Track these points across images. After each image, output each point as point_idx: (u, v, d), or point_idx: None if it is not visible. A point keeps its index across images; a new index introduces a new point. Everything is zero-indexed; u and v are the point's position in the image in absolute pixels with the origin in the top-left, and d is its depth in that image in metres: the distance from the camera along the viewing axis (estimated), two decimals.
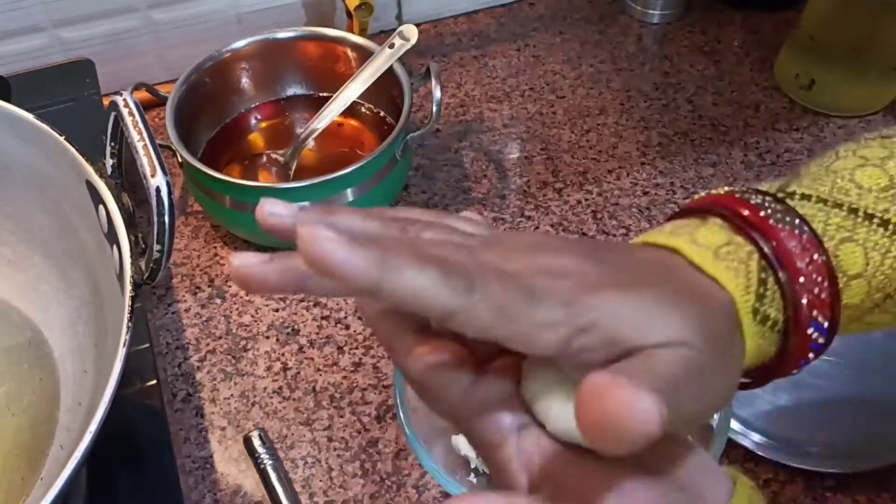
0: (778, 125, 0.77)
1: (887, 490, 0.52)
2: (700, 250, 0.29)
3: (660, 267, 0.29)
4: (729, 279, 0.28)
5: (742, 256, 0.29)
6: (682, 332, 0.26)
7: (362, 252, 0.22)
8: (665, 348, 0.25)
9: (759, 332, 0.29)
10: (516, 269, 0.26)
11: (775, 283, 0.29)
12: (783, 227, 0.29)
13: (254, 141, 0.74)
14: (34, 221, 0.55)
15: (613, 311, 0.25)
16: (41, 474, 0.49)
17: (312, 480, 0.54)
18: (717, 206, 0.31)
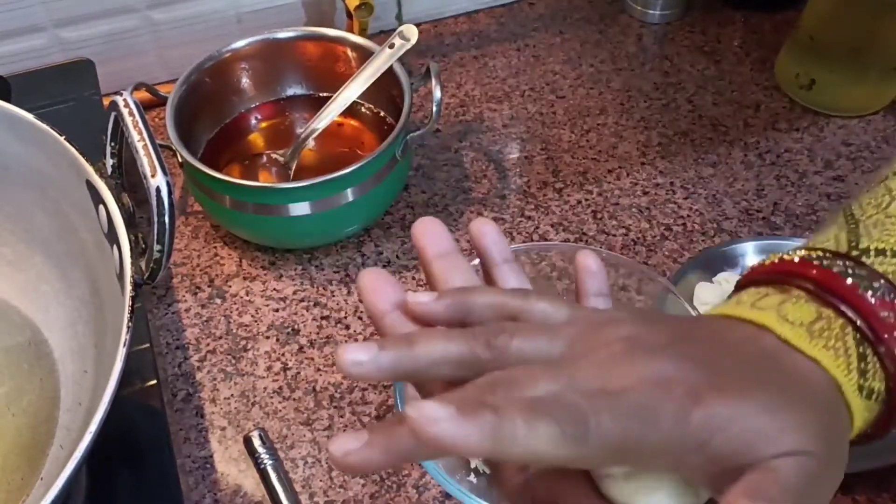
0: (778, 125, 0.77)
1: (887, 490, 0.52)
2: (794, 329, 0.28)
3: (754, 349, 0.28)
4: (830, 361, 0.28)
5: (837, 332, 0.28)
6: (799, 439, 0.25)
7: (474, 424, 0.23)
8: (783, 459, 0.25)
9: (866, 406, 0.28)
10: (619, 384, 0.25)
11: (874, 355, 0.28)
12: (872, 296, 0.28)
13: (254, 141, 0.73)
14: (34, 221, 0.55)
15: (726, 426, 0.25)
16: (41, 474, 0.49)
17: (312, 480, 0.54)
18: (795, 275, 0.30)
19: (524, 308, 0.29)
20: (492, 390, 0.25)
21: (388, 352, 0.28)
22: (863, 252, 0.30)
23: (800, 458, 0.25)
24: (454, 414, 0.23)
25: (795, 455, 0.25)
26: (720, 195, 0.71)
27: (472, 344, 0.28)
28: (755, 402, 0.26)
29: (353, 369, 0.27)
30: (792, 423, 0.25)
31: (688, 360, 0.26)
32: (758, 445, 0.25)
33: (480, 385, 0.26)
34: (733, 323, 0.29)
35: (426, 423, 0.22)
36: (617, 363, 0.26)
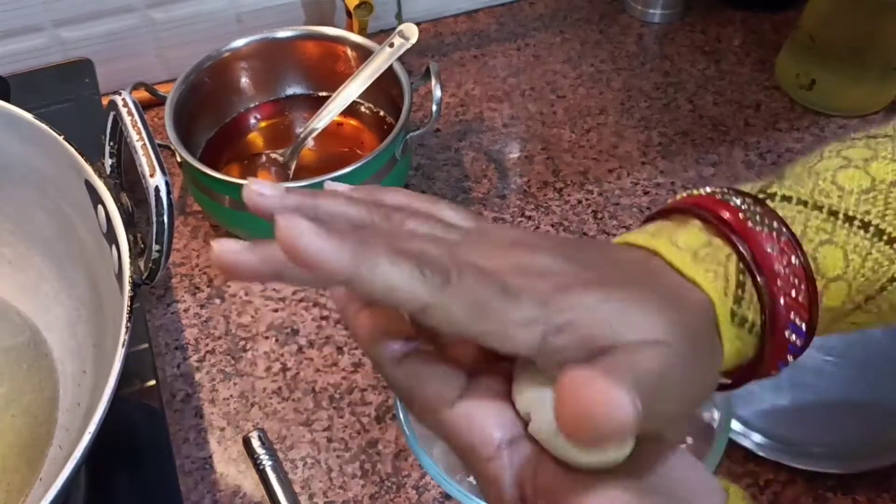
0: (778, 125, 0.77)
1: (887, 490, 0.52)
2: (679, 252, 0.29)
3: (639, 268, 0.29)
4: (708, 282, 0.28)
5: (721, 259, 0.29)
6: (660, 331, 0.26)
7: (337, 244, 0.23)
8: (642, 346, 0.25)
9: (737, 335, 0.29)
10: (494, 266, 0.26)
11: (753, 285, 0.29)
12: (762, 230, 0.29)
13: (253, 140, 0.73)
14: (34, 221, 0.55)
15: (590, 310, 0.25)
16: (40, 474, 0.49)
17: (312, 481, 0.54)
18: (697, 207, 0.31)
19: (431, 210, 0.30)
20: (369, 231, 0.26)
21: (293, 195, 0.28)
22: (769, 196, 0.31)
23: (657, 347, 0.25)
24: (322, 232, 0.22)
25: (653, 344, 0.25)
26: None
27: (373, 212, 0.28)
28: (622, 293, 0.26)
29: (256, 198, 0.27)
30: (657, 318, 0.26)
31: (569, 259, 0.27)
32: (620, 328, 0.25)
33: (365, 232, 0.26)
34: (626, 247, 0.30)
35: (294, 233, 0.22)
36: (499, 249, 0.27)
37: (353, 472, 0.55)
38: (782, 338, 0.29)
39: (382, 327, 0.29)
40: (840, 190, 0.31)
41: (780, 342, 0.29)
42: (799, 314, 0.29)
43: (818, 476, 0.52)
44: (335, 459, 0.55)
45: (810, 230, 0.30)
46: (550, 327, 0.25)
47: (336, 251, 0.23)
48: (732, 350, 0.29)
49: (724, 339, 0.29)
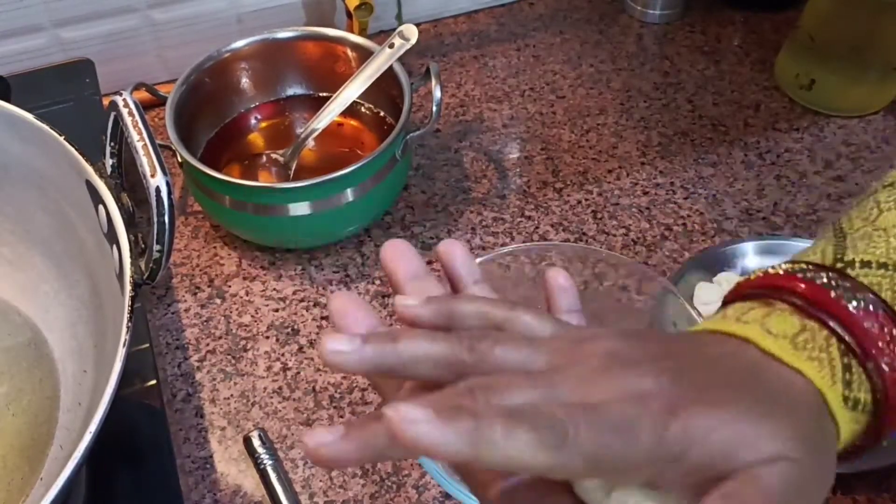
0: (778, 125, 0.77)
1: (887, 490, 0.52)
2: (777, 341, 0.28)
3: (738, 364, 0.28)
4: (814, 371, 0.27)
5: (821, 344, 0.28)
6: (779, 446, 0.25)
7: (452, 428, 0.22)
8: (763, 465, 0.25)
9: (852, 418, 0.28)
10: (599, 397, 0.25)
11: (859, 366, 0.28)
12: (857, 308, 0.28)
13: (254, 141, 0.73)
14: (34, 221, 0.55)
15: (704, 437, 0.25)
16: (41, 474, 0.49)
17: (312, 480, 0.54)
18: (779, 288, 0.30)
19: (509, 318, 0.29)
20: (471, 395, 0.25)
21: (371, 344, 0.28)
22: (848, 264, 0.30)
23: (781, 464, 0.25)
24: (432, 417, 0.22)
25: (776, 461, 0.25)
26: (720, 195, 0.71)
27: (455, 346, 0.28)
28: (733, 410, 0.25)
29: (334, 357, 0.27)
30: (772, 430, 0.25)
31: (666, 373, 0.26)
32: (736, 453, 0.25)
33: (459, 389, 0.26)
34: (716, 337, 0.29)
35: (404, 425, 0.22)
36: (595, 377, 0.26)
37: (353, 472, 0.55)
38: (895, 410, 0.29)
39: None
40: None
41: (894, 415, 0.29)
42: None
43: None
44: None
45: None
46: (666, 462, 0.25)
47: (452, 437, 0.22)
48: (848, 434, 0.28)
49: (840, 424, 0.28)
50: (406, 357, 0.28)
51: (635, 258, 0.66)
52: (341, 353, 0.27)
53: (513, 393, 0.25)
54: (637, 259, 0.66)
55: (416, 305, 0.30)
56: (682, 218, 0.69)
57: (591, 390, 0.26)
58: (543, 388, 0.26)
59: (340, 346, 0.27)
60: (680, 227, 0.68)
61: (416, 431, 0.22)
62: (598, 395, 0.25)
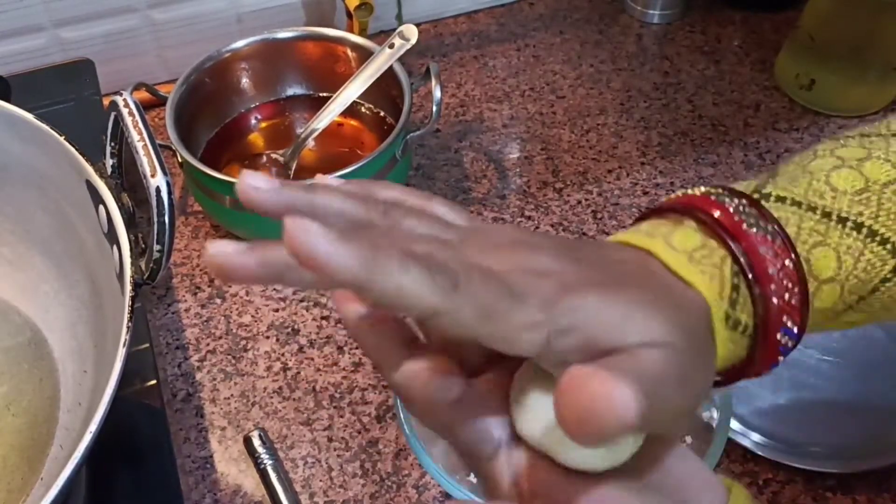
0: (778, 125, 0.77)
1: (887, 490, 0.52)
2: (675, 254, 0.29)
3: (637, 268, 0.29)
4: (703, 284, 0.28)
5: (716, 261, 0.29)
6: (662, 332, 0.26)
7: (350, 248, 0.22)
8: (645, 348, 0.25)
9: (731, 337, 0.29)
10: (498, 267, 0.26)
11: (747, 288, 0.29)
12: (756, 232, 0.29)
13: (254, 141, 0.73)
14: (34, 221, 0.55)
15: (593, 313, 0.25)
16: (41, 474, 0.49)
17: (312, 480, 0.54)
18: (692, 207, 0.31)
19: (424, 206, 0.30)
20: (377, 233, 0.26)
21: (288, 189, 0.27)
22: (763, 196, 0.32)
23: (660, 348, 0.25)
24: (333, 235, 0.22)
25: (656, 345, 0.25)
26: None
27: (370, 208, 0.28)
28: (625, 296, 0.26)
29: (251, 193, 0.27)
30: (659, 317, 0.26)
31: (567, 259, 0.27)
32: (623, 332, 0.25)
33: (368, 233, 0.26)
34: (626, 248, 0.30)
35: (304, 236, 0.22)
36: (499, 251, 0.27)
37: (353, 472, 0.55)
38: (774, 340, 0.29)
39: (387, 333, 0.29)
40: (834, 191, 0.31)
41: (772, 345, 0.29)
42: (791, 317, 0.29)
43: (818, 475, 0.53)
44: (335, 458, 0.55)
45: (804, 232, 0.31)
46: (554, 330, 0.25)
47: (348, 255, 0.22)
48: (725, 352, 0.29)
49: (718, 341, 0.29)
50: (319, 207, 0.27)
51: None
52: (259, 190, 0.27)
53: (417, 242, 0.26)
54: None
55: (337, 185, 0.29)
56: None
57: (492, 259, 0.26)
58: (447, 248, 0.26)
59: (259, 183, 0.27)
60: None
61: (314, 245, 0.22)
62: (498, 264, 0.26)
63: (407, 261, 0.23)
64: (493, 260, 0.26)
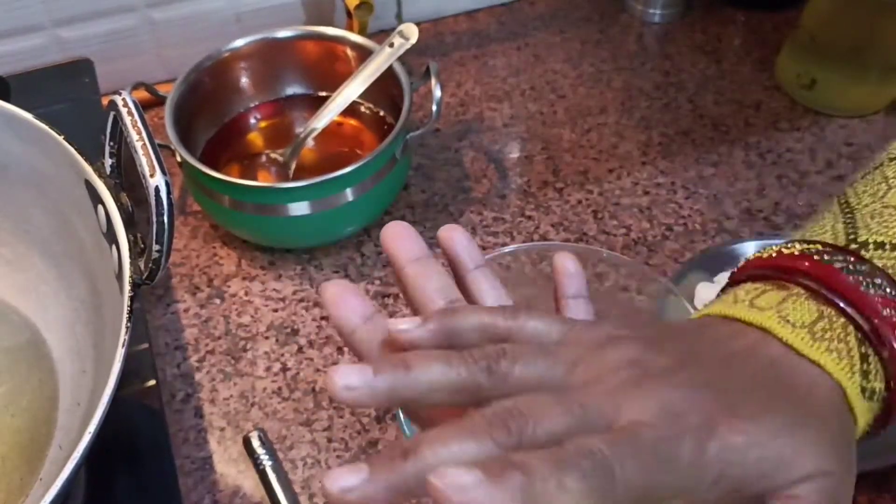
0: (779, 125, 0.77)
1: (888, 490, 0.52)
2: (796, 332, 0.28)
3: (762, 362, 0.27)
4: (833, 364, 0.27)
5: (839, 333, 0.28)
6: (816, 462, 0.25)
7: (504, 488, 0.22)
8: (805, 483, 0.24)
9: (868, 408, 0.28)
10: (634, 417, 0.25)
11: (875, 354, 0.28)
12: (875, 294, 0.28)
13: (253, 140, 0.73)
14: (33, 221, 0.55)
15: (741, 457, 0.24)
16: (40, 475, 0.49)
17: (312, 481, 0.54)
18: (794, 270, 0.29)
19: (514, 328, 0.28)
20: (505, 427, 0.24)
21: (384, 376, 0.26)
22: (861, 245, 0.30)
23: (820, 481, 0.25)
24: (483, 480, 0.21)
25: (815, 478, 0.25)
26: (721, 195, 0.71)
27: (472, 370, 0.27)
28: (769, 425, 0.25)
29: (345, 394, 0.26)
30: (808, 445, 0.25)
31: (698, 385, 0.26)
32: (776, 472, 0.24)
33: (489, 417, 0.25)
34: (735, 328, 0.29)
35: (455, 492, 0.21)
36: (627, 393, 0.26)
37: None
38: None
39: None
40: None
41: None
42: None
43: None
44: (335, 459, 0.55)
45: None
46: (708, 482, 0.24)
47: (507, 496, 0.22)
48: (864, 423, 0.28)
49: (859, 415, 0.28)
50: (421, 387, 0.26)
51: (636, 258, 0.66)
52: (352, 389, 0.26)
53: (546, 421, 0.25)
54: (638, 259, 0.66)
55: (412, 328, 0.28)
56: (683, 218, 0.69)
57: (625, 408, 0.25)
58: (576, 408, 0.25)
59: (351, 381, 0.26)
60: (681, 227, 0.68)
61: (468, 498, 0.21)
62: (632, 413, 0.25)
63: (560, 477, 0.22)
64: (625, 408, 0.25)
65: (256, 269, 0.67)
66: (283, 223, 0.64)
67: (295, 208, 0.62)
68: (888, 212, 0.30)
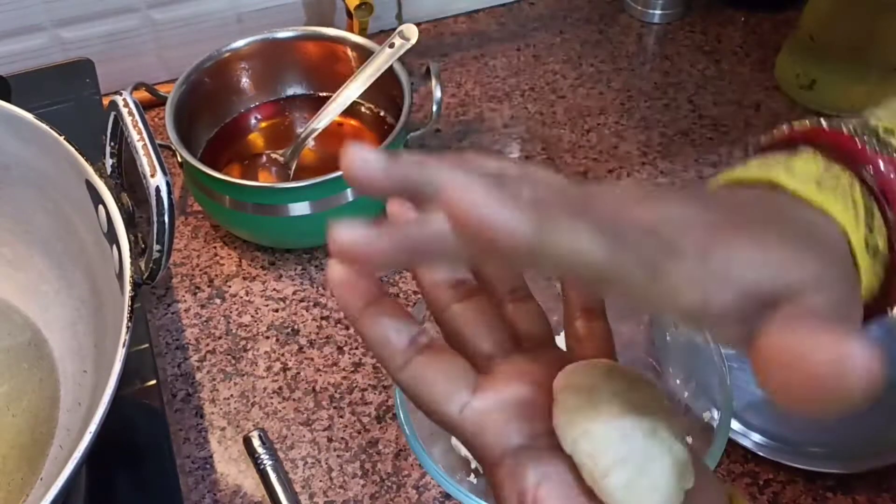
0: (779, 125, 0.77)
1: (887, 490, 0.52)
2: (802, 182, 0.27)
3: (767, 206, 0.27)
4: (839, 211, 0.27)
5: (844, 186, 0.27)
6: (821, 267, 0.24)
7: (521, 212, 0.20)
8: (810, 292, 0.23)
9: (871, 266, 0.27)
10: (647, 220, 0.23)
11: (880, 211, 0.27)
12: (881, 153, 0.28)
13: (254, 141, 0.73)
14: (34, 221, 0.55)
15: (747, 260, 0.23)
16: (41, 474, 0.49)
17: (312, 481, 0.54)
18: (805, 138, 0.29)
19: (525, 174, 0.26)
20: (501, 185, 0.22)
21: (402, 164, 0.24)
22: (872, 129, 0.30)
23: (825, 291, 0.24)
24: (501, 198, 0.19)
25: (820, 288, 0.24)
26: None
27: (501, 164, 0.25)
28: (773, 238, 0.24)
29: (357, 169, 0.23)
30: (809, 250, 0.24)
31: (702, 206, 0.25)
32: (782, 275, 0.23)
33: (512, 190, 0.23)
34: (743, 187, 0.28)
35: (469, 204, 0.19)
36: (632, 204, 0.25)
37: (353, 472, 0.55)
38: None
39: (389, 322, 0.28)
40: None
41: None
42: None
43: (818, 475, 0.53)
44: (335, 459, 0.55)
45: None
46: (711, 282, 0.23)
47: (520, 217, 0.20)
48: (867, 280, 0.27)
49: (862, 269, 0.27)
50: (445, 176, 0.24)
51: None
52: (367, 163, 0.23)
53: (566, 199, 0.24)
54: None
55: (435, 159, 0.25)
56: None
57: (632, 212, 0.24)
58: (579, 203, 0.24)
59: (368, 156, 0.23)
60: None
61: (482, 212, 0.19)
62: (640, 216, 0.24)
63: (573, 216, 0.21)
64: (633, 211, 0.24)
65: (257, 269, 0.67)
66: (284, 223, 0.64)
67: (295, 208, 0.62)
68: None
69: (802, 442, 0.54)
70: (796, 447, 0.53)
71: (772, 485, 0.53)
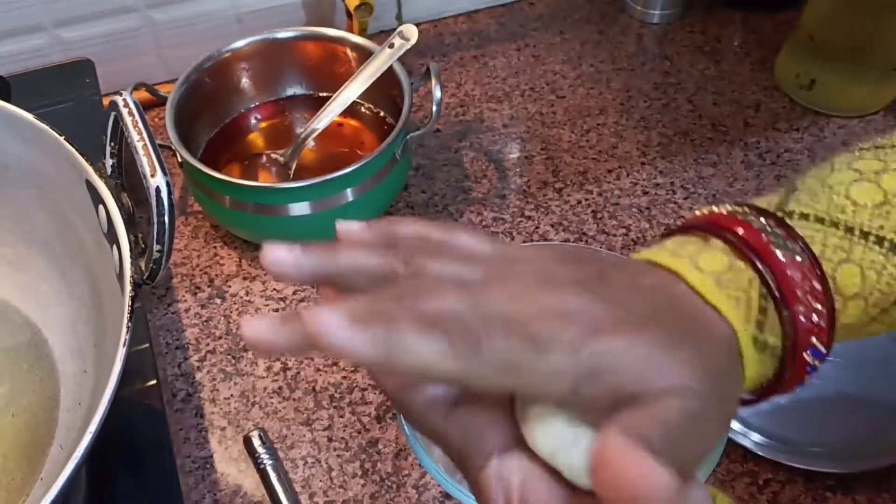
0: (778, 125, 0.77)
1: (887, 490, 0.52)
2: (702, 277, 0.29)
3: (664, 297, 0.29)
4: (730, 310, 0.28)
5: (743, 284, 0.29)
6: (685, 378, 0.26)
7: (365, 333, 0.24)
8: (668, 396, 0.25)
9: (759, 360, 0.29)
10: (522, 312, 0.26)
11: (775, 310, 0.29)
12: (784, 254, 0.29)
13: (254, 141, 0.73)
14: (34, 221, 0.55)
15: (617, 359, 0.26)
16: (41, 474, 0.49)
17: (312, 480, 0.54)
18: (718, 226, 0.31)
19: (447, 238, 0.30)
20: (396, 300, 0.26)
21: (309, 256, 0.28)
22: (787, 214, 0.32)
23: (682, 397, 0.26)
24: (346, 324, 0.24)
25: (679, 390, 0.26)
26: (720, 195, 0.71)
27: (391, 259, 0.29)
28: (650, 337, 0.26)
29: (274, 268, 0.28)
30: (680, 359, 0.26)
31: (596, 298, 0.27)
32: (645, 378, 0.25)
33: (389, 293, 0.27)
34: (650, 268, 0.30)
35: (319, 329, 0.24)
36: (525, 292, 0.27)
37: (353, 472, 0.55)
38: (802, 361, 0.30)
39: None
40: (854, 204, 0.31)
41: (799, 365, 0.30)
42: (819, 337, 0.29)
43: (817, 475, 0.53)
44: (335, 459, 0.55)
45: (828, 249, 0.31)
46: (580, 377, 0.25)
47: (364, 341, 0.24)
48: (754, 373, 0.29)
49: (747, 364, 0.29)
50: (343, 267, 0.28)
51: None
52: (280, 265, 0.28)
53: (437, 300, 0.26)
54: None
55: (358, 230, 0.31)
56: (683, 218, 0.69)
57: (517, 304, 0.26)
58: (469, 298, 0.26)
59: (280, 256, 0.28)
60: None
61: (331, 338, 0.23)
62: (524, 309, 0.26)
63: (424, 332, 0.24)
64: (518, 303, 0.26)
65: (257, 269, 0.67)
66: (284, 223, 0.64)
67: (295, 208, 0.62)
68: (823, 190, 0.32)
69: (802, 442, 0.54)
70: (796, 447, 0.53)
71: (771, 484, 0.53)
